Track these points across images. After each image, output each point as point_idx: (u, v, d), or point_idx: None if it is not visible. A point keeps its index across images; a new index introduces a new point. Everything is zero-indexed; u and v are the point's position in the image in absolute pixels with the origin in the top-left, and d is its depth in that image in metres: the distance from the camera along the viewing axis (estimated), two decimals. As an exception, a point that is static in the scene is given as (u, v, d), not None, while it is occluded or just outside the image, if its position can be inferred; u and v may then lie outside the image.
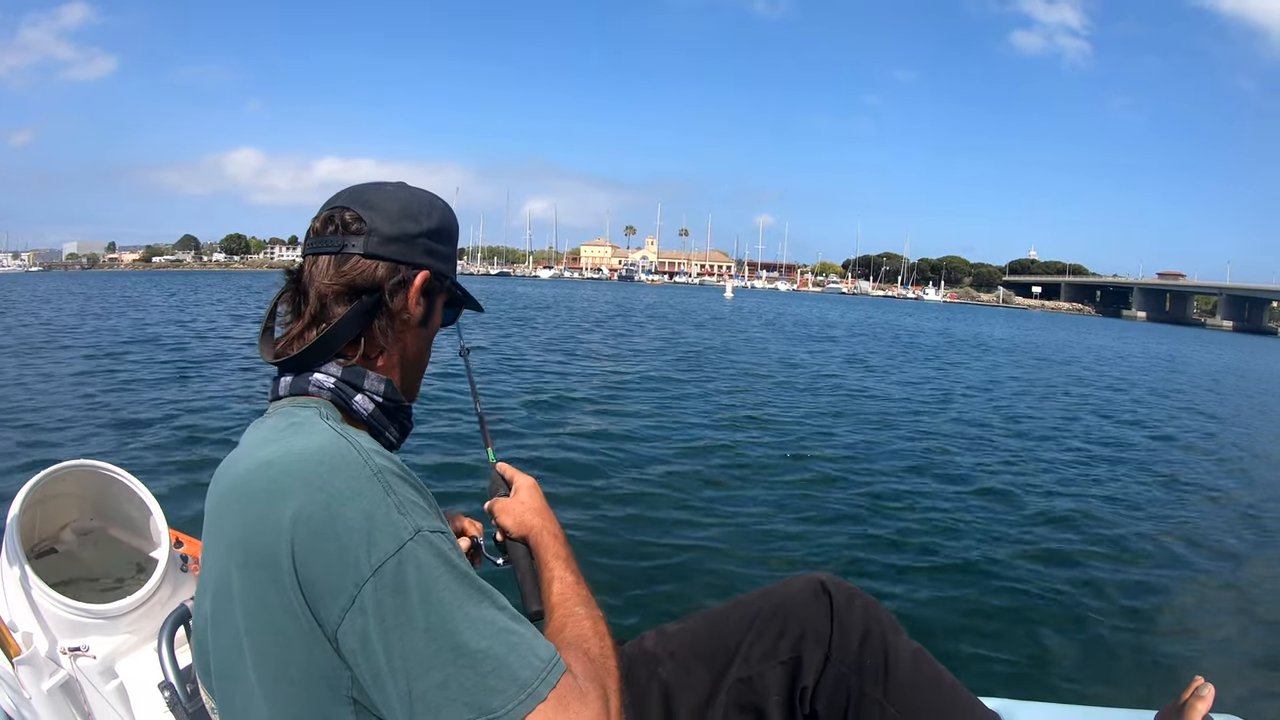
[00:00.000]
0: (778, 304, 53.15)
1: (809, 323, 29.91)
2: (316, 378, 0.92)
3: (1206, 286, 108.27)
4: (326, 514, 0.74)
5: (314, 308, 0.93)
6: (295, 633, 0.74)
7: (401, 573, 0.72)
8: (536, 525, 1.08)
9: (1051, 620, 3.41)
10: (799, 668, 1.17)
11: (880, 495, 5.27)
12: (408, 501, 0.77)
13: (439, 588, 0.72)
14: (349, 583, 0.72)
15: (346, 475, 0.76)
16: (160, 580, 1.53)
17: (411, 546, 0.73)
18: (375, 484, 0.76)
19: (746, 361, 13.85)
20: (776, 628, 1.21)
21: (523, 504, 1.12)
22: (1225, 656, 3.24)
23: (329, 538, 0.73)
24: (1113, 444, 8.00)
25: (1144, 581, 4.01)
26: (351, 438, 0.82)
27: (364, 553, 0.72)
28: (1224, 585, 4.08)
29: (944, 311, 65.29)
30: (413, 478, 0.83)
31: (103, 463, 1.58)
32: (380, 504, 0.75)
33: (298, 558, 0.73)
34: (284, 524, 0.74)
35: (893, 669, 1.15)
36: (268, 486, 0.78)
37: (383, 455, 0.82)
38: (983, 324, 42.48)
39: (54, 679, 1.39)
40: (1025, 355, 20.81)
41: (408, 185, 1.02)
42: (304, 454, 0.79)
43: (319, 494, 0.75)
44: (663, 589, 3.51)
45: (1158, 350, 29.25)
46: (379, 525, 0.73)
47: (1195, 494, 6.15)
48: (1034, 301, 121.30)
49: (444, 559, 0.74)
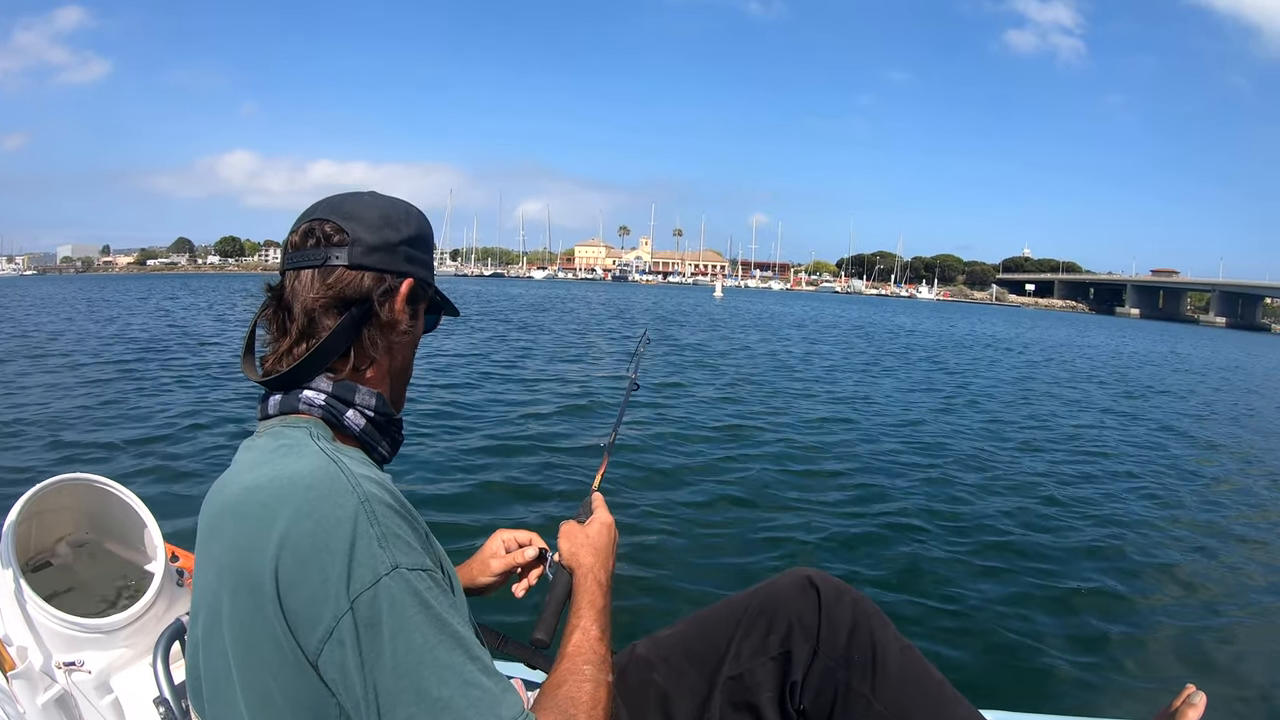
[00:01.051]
0: (768, 303, 53.13)
1: (782, 320, 29.89)
2: (307, 395, 0.91)
3: (1200, 283, 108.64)
4: (312, 541, 0.74)
5: (301, 323, 0.91)
6: (280, 659, 0.75)
7: (376, 607, 0.72)
8: (587, 564, 1.08)
9: (1041, 628, 3.39)
10: (789, 662, 1.17)
11: (868, 497, 5.26)
12: (391, 534, 0.76)
13: (409, 628, 0.72)
14: (328, 614, 0.72)
15: (333, 502, 0.76)
16: (156, 595, 1.52)
17: (387, 582, 0.73)
18: (361, 512, 0.76)
19: (733, 363, 13.88)
20: (765, 624, 1.21)
21: (586, 538, 1.12)
22: (1218, 664, 3.23)
23: (313, 566, 0.73)
24: (1131, 449, 8.00)
25: (1136, 588, 3.99)
26: (341, 462, 0.81)
27: (343, 584, 0.72)
28: (1219, 591, 4.07)
29: (937, 310, 65.36)
30: (403, 506, 0.82)
31: (98, 476, 1.57)
32: (363, 534, 0.74)
33: (281, 585, 0.73)
34: (270, 550, 0.74)
35: (880, 664, 1.15)
36: (256, 511, 0.78)
37: (373, 481, 0.81)
38: (977, 323, 42.44)
39: (49, 694, 1.39)
40: (1037, 353, 20.79)
41: (380, 193, 1.01)
42: (293, 478, 0.79)
43: (306, 520, 0.75)
44: (648, 596, 3.49)
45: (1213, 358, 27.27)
46: (359, 557, 0.73)
47: (1193, 496, 6.13)
48: (1027, 299, 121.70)
49: (418, 599, 0.74)
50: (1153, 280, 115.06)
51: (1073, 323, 55.43)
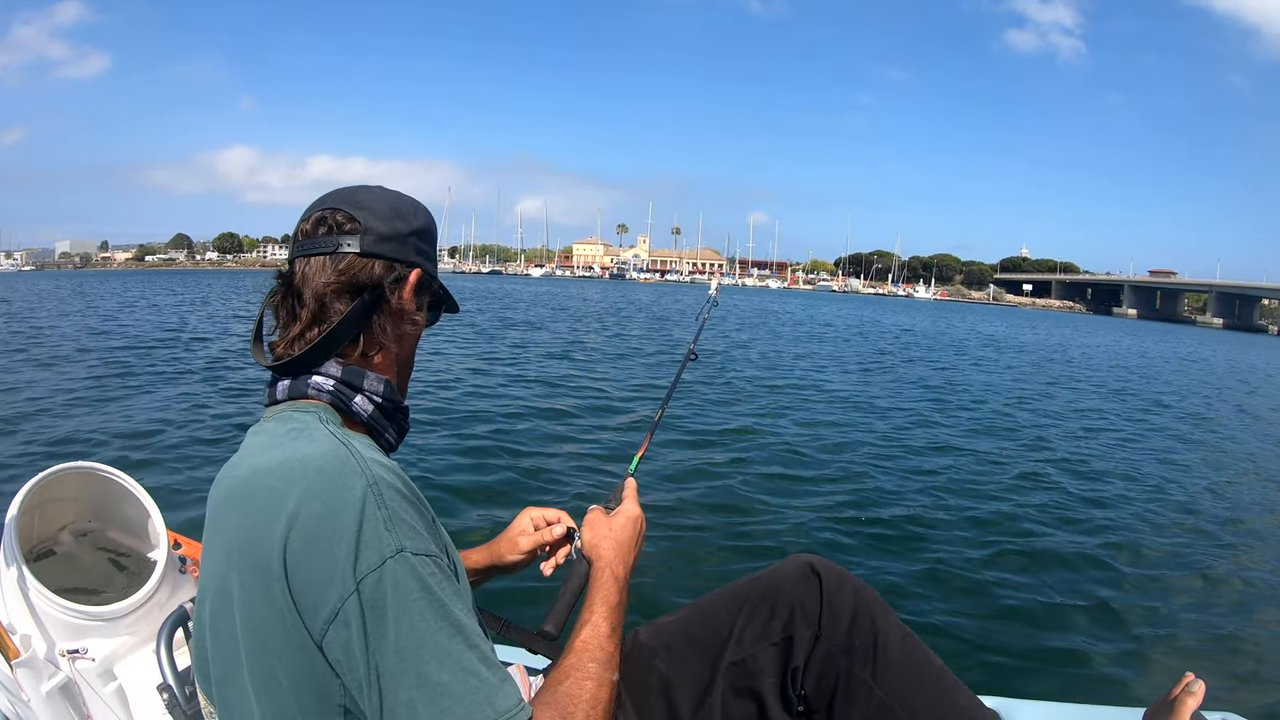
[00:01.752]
0: (764, 301, 53.09)
1: (780, 319, 29.92)
2: (315, 380, 0.91)
3: (1197, 284, 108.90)
4: (320, 522, 0.74)
5: (313, 308, 0.92)
6: (285, 641, 0.75)
7: (381, 589, 0.73)
8: (606, 557, 1.07)
9: (1039, 617, 3.40)
10: (791, 648, 1.18)
11: (869, 488, 5.25)
12: (397, 518, 0.77)
13: (413, 612, 0.73)
14: (334, 595, 0.73)
15: (343, 484, 0.77)
16: (159, 582, 1.53)
17: (392, 565, 0.73)
18: (369, 495, 0.76)
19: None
20: (767, 609, 1.21)
21: (609, 530, 1.12)
22: (1216, 652, 3.24)
23: (320, 547, 0.74)
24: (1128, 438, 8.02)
25: (1138, 575, 4.00)
26: (351, 445, 0.82)
27: (350, 565, 0.73)
28: (1217, 580, 4.07)
29: (934, 309, 65.38)
30: (411, 491, 0.82)
31: (101, 465, 1.57)
32: (371, 516, 0.75)
33: (290, 566, 0.74)
34: (279, 531, 0.75)
35: (881, 650, 1.15)
36: (265, 493, 0.78)
37: (382, 465, 0.82)
38: (977, 322, 42.46)
39: (53, 681, 1.39)
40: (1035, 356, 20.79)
41: (389, 188, 1.02)
42: (304, 461, 0.79)
43: (315, 502, 0.75)
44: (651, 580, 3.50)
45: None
46: (366, 538, 0.74)
47: (1194, 486, 6.14)
48: (1024, 299, 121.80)
49: (422, 583, 0.75)
50: (1150, 281, 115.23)
51: (1068, 323, 55.37)
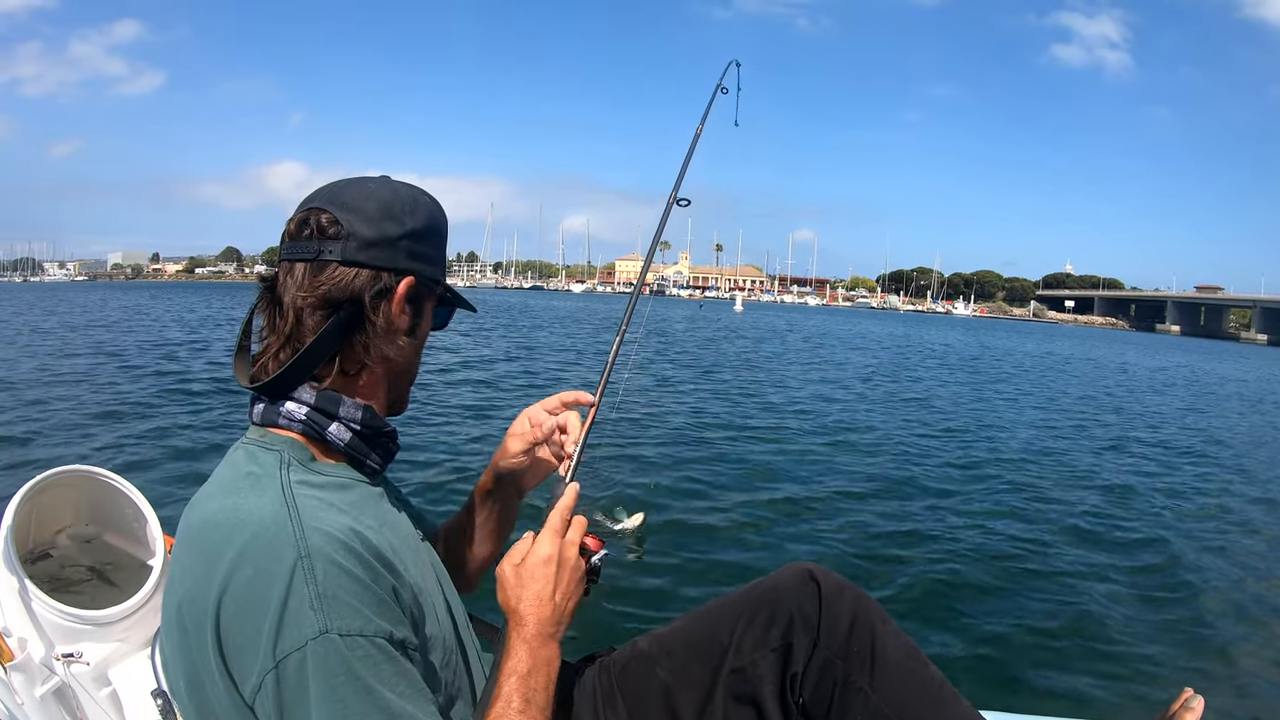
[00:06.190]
0: (796, 318, 52.79)
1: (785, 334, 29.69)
2: (288, 408, 0.86)
3: (1240, 299, 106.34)
4: (249, 589, 0.72)
5: (290, 321, 0.86)
6: (225, 693, 0.73)
7: (303, 672, 0.69)
8: (518, 612, 0.90)
9: (1038, 632, 3.37)
10: (790, 655, 1.14)
11: (874, 500, 5.28)
12: (328, 595, 0.72)
13: (330, 699, 0.69)
14: (256, 668, 0.70)
15: (273, 554, 0.73)
16: (155, 587, 1.52)
17: (314, 646, 0.70)
18: (299, 568, 0.72)
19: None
20: (766, 616, 1.18)
21: (517, 575, 0.92)
22: (1216, 667, 3.19)
23: (249, 617, 0.71)
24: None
25: (1136, 593, 3.94)
26: (294, 508, 0.77)
27: (272, 641, 0.70)
28: (1219, 596, 4.00)
29: (969, 326, 64.52)
30: (361, 562, 0.76)
31: (98, 468, 1.58)
32: (297, 592, 0.71)
33: (222, 628, 0.72)
34: (214, 591, 0.73)
35: (879, 657, 1.12)
36: (209, 548, 0.76)
37: (324, 534, 0.76)
38: (1003, 337, 41.78)
39: (47, 685, 1.38)
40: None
41: (391, 180, 0.95)
42: (245, 520, 0.76)
43: (247, 567, 0.72)
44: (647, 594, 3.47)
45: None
46: (290, 616, 0.70)
47: (1197, 506, 6.05)
48: (1066, 316, 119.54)
49: (348, 668, 0.70)
50: (1192, 297, 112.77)
51: (1100, 339, 54.13)
